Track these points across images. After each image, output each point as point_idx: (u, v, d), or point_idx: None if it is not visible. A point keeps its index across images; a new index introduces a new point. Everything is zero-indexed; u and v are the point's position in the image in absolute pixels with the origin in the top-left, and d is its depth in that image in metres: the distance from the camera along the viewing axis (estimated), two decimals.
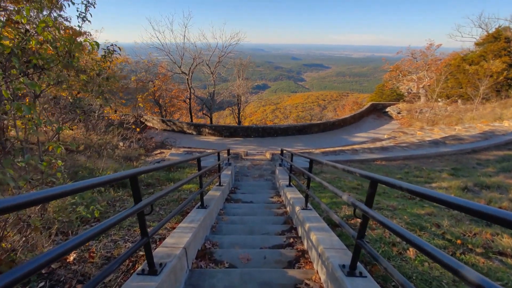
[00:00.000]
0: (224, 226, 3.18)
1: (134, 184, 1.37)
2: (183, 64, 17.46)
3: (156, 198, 1.50)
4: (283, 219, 3.52)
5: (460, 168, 6.89)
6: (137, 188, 1.38)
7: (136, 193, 1.39)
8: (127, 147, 9.59)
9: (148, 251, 1.55)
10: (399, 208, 3.54)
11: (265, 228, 3.12)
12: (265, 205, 4.27)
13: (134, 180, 1.36)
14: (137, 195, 1.39)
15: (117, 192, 4.11)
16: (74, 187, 0.98)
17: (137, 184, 1.37)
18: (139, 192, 1.40)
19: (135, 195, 1.39)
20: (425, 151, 8.37)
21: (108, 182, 1.13)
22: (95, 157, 6.65)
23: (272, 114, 53.44)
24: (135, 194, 1.39)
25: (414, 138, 12.13)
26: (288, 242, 2.76)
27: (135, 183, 1.36)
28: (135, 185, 1.37)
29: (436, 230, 2.74)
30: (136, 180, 1.36)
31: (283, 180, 4.94)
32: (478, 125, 12.82)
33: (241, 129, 14.70)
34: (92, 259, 1.90)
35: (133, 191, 1.38)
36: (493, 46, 16.09)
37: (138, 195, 1.39)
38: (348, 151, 8.84)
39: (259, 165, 7.94)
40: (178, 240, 2.12)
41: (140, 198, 1.41)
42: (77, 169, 5.23)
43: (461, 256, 2.23)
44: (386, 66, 23.00)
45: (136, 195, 1.39)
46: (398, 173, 6.51)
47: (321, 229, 2.45)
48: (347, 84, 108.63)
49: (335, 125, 16.29)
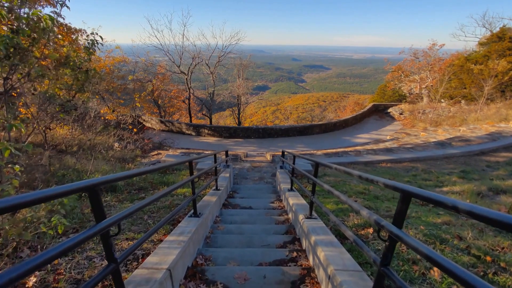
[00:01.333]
0: (219, 237, 2.86)
1: (93, 198, 1.05)
2: (182, 64, 17.18)
3: (124, 216, 1.18)
4: (285, 228, 3.19)
5: (470, 171, 6.57)
6: (97, 202, 1.06)
7: (98, 209, 1.07)
8: (123, 148, 9.28)
9: (118, 280, 1.23)
10: (412, 216, 3.21)
11: (265, 239, 2.80)
12: (265, 212, 3.95)
13: (94, 194, 1.04)
14: (99, 212, 1.08)
15: (105, 197, 3.80)
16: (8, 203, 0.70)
17: (97, 197, 1.06)
18: (102, 208, 1.08)
19: (96, 213, 1.07)
20: (431, 153, 8.05)
21: (48, 198, 0.82)
22: (87, 159, 6.34)
23: (273, 115, 53.19)
24: (96, 211, 1.07)
25: (418, 140, 11.81)
26: (291, 256, 2.43)
27: (95, 197, 1.05)
28: (95, 199, 1.05)
29: (459, 244, 2.42)
30: (96, 194, 1.04)
31: (285, 184, 4.62)
32: (483, 126, 12.51)
33: (241, 130, 14.38)
34: (57, 283, 1.58)
35: (92, 207, 1.06)
36: (498, 45, 15.80)
37: (100, 212, 1.08)
38: (352, 153, 8.52)
39: (259, 167, 7.63)
40: (162, 258, 1.80)
41: (104, 215, 1.09)
42: (65, 172, 4.93)
43: (494, 277, 1.90)
44: (388, 67, 22.71)
45: (98, 212, 1.07)
46: (406, 176, 6.18)
47: (330, 243, 2.13)
48: (348, 85, 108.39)
49: (337, 126, 15.98)
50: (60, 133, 7.77)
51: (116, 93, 14.80)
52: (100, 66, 13.55)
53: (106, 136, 9.76)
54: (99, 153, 7.34)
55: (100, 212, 1.07)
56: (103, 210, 1.08)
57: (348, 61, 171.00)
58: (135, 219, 2.89)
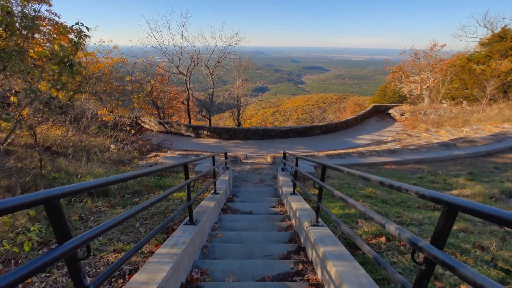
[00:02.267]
0: (217, 246, 2.63)
1: (53, 213, 0.82)
2: (181, 65, 16.99)
3: (95, 235, 0.94)
4: (289, 235, 2.96)
5: (477, 173, 6.35)
6: (58, 219, 0.83)
7: (59, 227, 0.84)
8: (120, 149, 9.04)
9: None
10: (425, 223, 2.98)
11: (267, 249, 2.57)
12: (267, 217, 3.71)
13: (52, 208, 0.81)
14: (62, 230, 0.85)
15: (96, 202, 3.56)
16: None
17: (58, 212, 0.83)
18: (64, 225, 0.85)
19: (58, 232, 0.84)
20: (437, 154, 7.83)
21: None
22: (81, 161, 6.11)
23: (272, 116, 53.04)
24: (57, 229, 0.84)
25: (421, 141, 11.61)
26: (296, 269, 2.20)
27: (54, 212, 0.82)
28: (55, 215, 0.83)
29: (481, 255, 2.19)
30: (55, 208, 0.82)
31: (287, 187, 4.40)
32: (486, 127, 12.33)
33: (241, 131, 14.17)
34: None
35: (52, 224, 0.83)
36: (500, 45, 15.66)
37: (62, 230, 0.85)
38: (354, 154, 8.29)
39: (260, 169, 7.39)
40: (151, 276, 1.57)
41: (68, 234, 0.86)
42: (56, 175, 4.69)
43: None
44: (389, 67, 22.57)
45: (60, 230, 0.85)
46: (411, 178, 5.96)
47: (340, 256, 1.90)
48: (347, 86, 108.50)
49: (337, 127, 15.78)
50: (55, 134, 7.54)
51: (114, 94, 14.60)
52: (98, 67, 13.35)
53: (102, 137, 9.53)
54: (95, 155, 7.11)
55: (63, 230, 0.85)
56: (66, 228, 0.86)
57: (347, 63, 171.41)
58: (125, 227, 2.65)
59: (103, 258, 2.03)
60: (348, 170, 1.74)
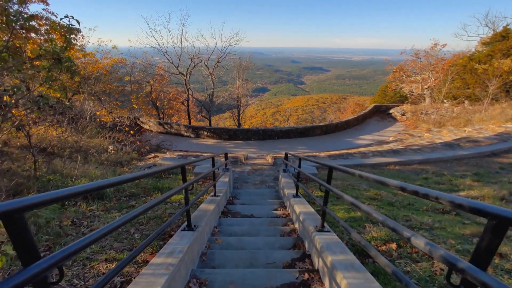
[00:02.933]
0: (217, 253, 2.48)
1: (14, 231, 0.67)
2: (180, 65, 16.86)
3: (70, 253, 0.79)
4: (292, 241, 2.81)
5: (483, 174, 6.20)
6: (22, 236, 0.69)
7: (23, 247, 0.69)
8: (118, 150, 8.89)
9: None
10: (436, 227, 2.84)
11: (270, 256, 2.42)
12: (269, 221, 3.56)
13: (14, 223, 0.66)
14: (27, 250, 0.70)
15: (90, 205, 3.41)
16: None
17: (22, 229, 0.68)
18: (31, 244, 0.71)
19: (21, 252, 0.69)
20: (441, 155, 7.68)
21: None
22: (80, 162, 5.96)
23: (273, 117, 52.93)
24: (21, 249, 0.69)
25: (423, 141, 11.46)
26: (302, 279, 2.05)
27: (16, 228, 0.67)
28: (18, 232, 0.68)
29: (501, 263, 2.04)
30: (19, 223, 0.67)
31: (289, 189, 4.25)
32: (489, 127, 12.19)
33: (241, 132, 14.02)
34: None
35: (14, 244, 0.68)
36: (501, 45, 15.53)
37: (28, 250, 0.70)
38: (357, 155, 8.15)
39: (261, 170, 7.25)
40: None
41: (38, 255, 0.71)
42: (52, 177, 4.54)
43: None
44: (389, 67, 22.44)
45: (25, 251, 0.70)
46: (417, 179, 5.81)
47: (351, 266, 1.75)
48: (347, 87, 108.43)
49: (338, 127, 15.64)
50: (51, 135, 7.39)
51: (113, 94, 14.47)
52: (97, 67, 13.23)
53: (101, 138, 9.38)
54: (92, 156, 6.96)
55: (28, 250, 0.70)
56: (34, 248, 0.71)
57: (347, 63, 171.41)
58: (119, 233, 2.51)
59: (93, 268, 1.88)
60: (359, 173, 1.60)
